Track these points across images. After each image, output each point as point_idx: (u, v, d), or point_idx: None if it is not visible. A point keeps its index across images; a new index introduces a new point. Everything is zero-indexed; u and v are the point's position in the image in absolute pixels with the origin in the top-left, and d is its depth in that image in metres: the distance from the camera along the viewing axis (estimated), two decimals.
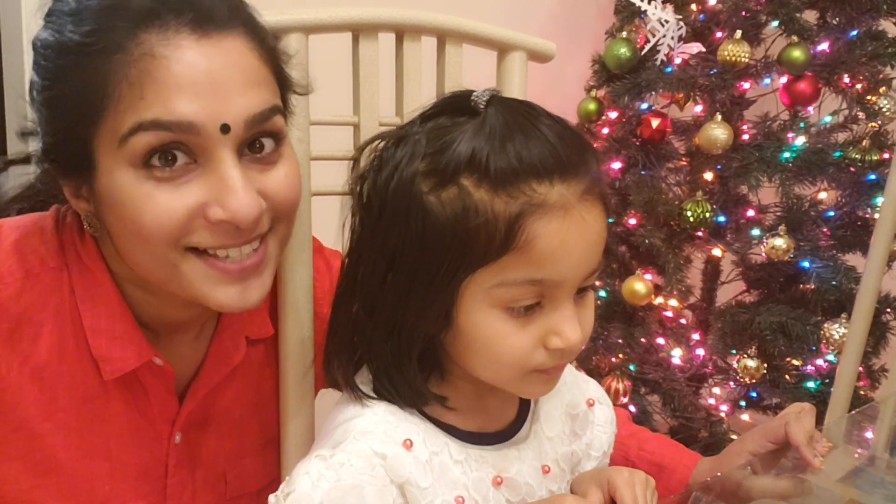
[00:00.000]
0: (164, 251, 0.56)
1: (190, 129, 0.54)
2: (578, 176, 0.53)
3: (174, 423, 0.69)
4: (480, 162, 0.52)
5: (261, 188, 0.58)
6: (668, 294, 1.66)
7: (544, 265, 0.52)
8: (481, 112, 0.54)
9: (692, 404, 1.69)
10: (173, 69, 0.53)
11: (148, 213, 0.55)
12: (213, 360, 0.70)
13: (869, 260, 1.07)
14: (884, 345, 1.60)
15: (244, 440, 0.75)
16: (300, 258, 0.74)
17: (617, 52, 1.71)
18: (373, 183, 0.56)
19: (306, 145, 0.73)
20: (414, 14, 0.76)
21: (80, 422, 0.63)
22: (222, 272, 0.58)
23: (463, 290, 0.54)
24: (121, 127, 0.53)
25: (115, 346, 0.63)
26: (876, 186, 1.56)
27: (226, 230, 0.57)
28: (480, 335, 0.55)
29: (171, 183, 0.55)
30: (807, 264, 1.57)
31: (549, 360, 0.55)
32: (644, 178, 1.70)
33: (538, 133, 0.53)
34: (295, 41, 0.71)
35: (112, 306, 0.63)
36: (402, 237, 0.54)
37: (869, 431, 0.92)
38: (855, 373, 1.10)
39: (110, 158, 0.55)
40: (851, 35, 1.60)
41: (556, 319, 0.54)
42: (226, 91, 0.55)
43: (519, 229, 0.51)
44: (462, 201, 0.52)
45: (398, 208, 0.54)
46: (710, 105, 1.66)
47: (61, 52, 0.55)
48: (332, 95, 0.80)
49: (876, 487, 0.80)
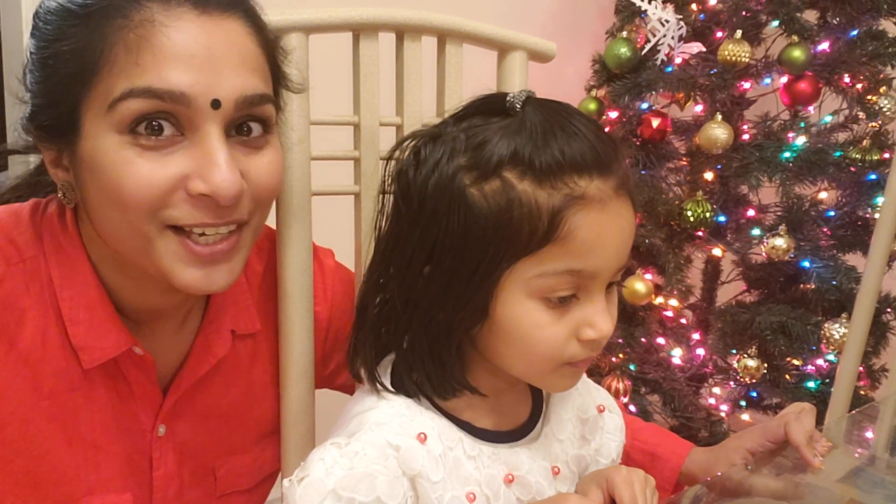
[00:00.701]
0: (141, 221, 0.56)
1: (181, 99, 0.54)
2: (613, 171, 0.55)
3: (157, 415, 0.68)
4: (524, 156, 0.53)
5: (244, 170, 0.58)
6: (668, 294, 1.66)
7: (583, 256, 0.54)
8: (517, 112, 0.56)
9: (692, 404, 1.69)
10: (172, 38, 0.53)
11: (129, 180, 0.54)
12: (198, 352, 0.70)
13: (869, 260, 1.07)
14: (884, 345, 1.60)
15: (234, 436, 0.74)
16: (300, 258, 0.74)
17: (617, 51, 1.71)
18: (412, 178, 0.57)
19: (306, 145, 0.73)
20: (414, 14, 0.76)
21: (65, 411, 0.63)
22: (191, 253, 0.58)
23: (503, 282, 0.55)
24: (112, 91, 0.53)
25: (94, 334, 0.63)
26: (876, 186, 1.56)
27: (206, 206, 0.57)
28: (517, 326, 0.56)
29: (156, 152, 0.55)
30: (807, 264, 1.57)
31: (580, 351, 0.57)
32: (644, 178, 1.70)
33: (576, 130, 0.55)
34: (295, 41, 0.71)
35: (91, 294, 0.63)
36: (444, 230, 0.55)
37: (869, 431, 0.92)
38: (855, 373, 1.10)
39: (97, 122, 0.55)
40: (852, 35, 1.60)
41: (590, 311, 0.56)
42: (221, 67, 0.55)
43: (561, 220, 0.53)
44: (506, 193, 0.54)
45: (440, 202, 0.55)
46: (711, 105, 1.66)
47: (62, 15, 0.55)
48: (333, 95, 0.80)
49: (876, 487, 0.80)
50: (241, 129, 0.59)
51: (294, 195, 0.73)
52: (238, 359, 0.74)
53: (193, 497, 0.72)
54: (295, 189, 0.73)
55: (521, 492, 0.61)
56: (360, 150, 0.76)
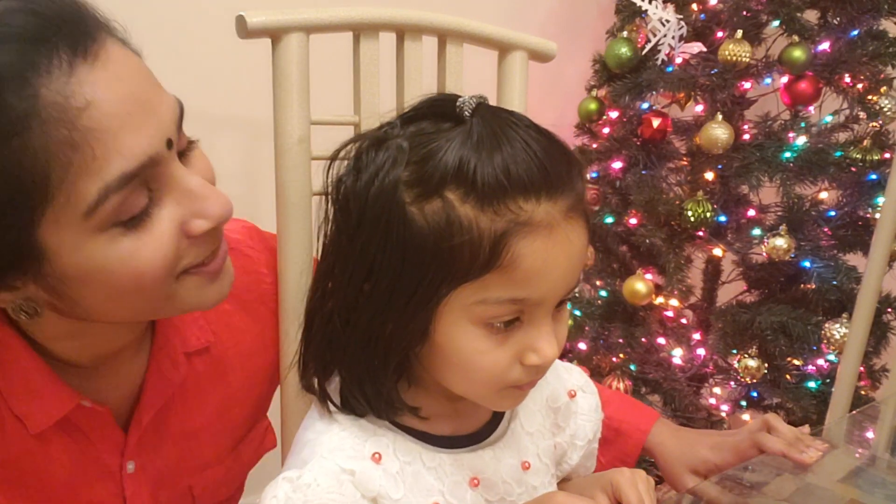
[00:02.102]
0: (162, 288, 0.54)
1: (151, 163, 0.50)
2: (563, 193, 0.51)
3: (122, 454, 0.66)
4: (467, 175, 0.50)
5: (205, 177, 0.56)
6: (668, 294, 1.66)
7: (528, 284, 0.51)
8: (466, 120, 0.52)
9: (693, 404, 1.69)
10: (105, 109, 0.46)
11: (142, 264, 0.51)
12: (153, 383, 0.67)
13: (870, 260, 1.07)
14: (885, 345, 1.60)
15: (206, 451, 0.72)
16: (300, 257, 0.74)
17: (618, 51, 1.70)
18: (352, 187, 0.53)
19: (307, 145, 0.73)
20: (415, 14, 0.76)
21: (23, 475, 0.60)
22: (209, 274, 0.57)
23: (443, 306, 0.52)
24: (83, 198, 0.47)
25: (34, 401, 0.59)
26: (877, 186, 1.56)
27: (209, 238, 0.55)
28: (458, 351, 0.53)
29: (146, 223, 0.51)
30: (808, 264, 1.57)
31: (524, 376, 0.55)
32: (645, 178, 1.70)
33: (526, 146, 0.51)
34: (295, 41, 0.71)
35: (22, 366, 0.59)
36: (382, 247, 0.51)
37: (870, 431, 0.92)
38: (856, 373, 1.10)
39: (73, 235, 0.49)
40: (852, 35, 1.59)
41: (534, 336, 0.53)
42: (152, 106, 0.50)
43: (504, 248, 0.50)
44: (446, 215, 0.50)
45: (378, 216, 0.51)
46: (711, 105, 1.66)
47: None
48: (333, 95, 0.80)
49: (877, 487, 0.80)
50: (182, 148, 0.55)
51: (294, 195, 0.73)
52: (196, 378, 0.70)
53: None
54: (295, 189, 0.73)
55: (489, 493, 0.60)
56: None
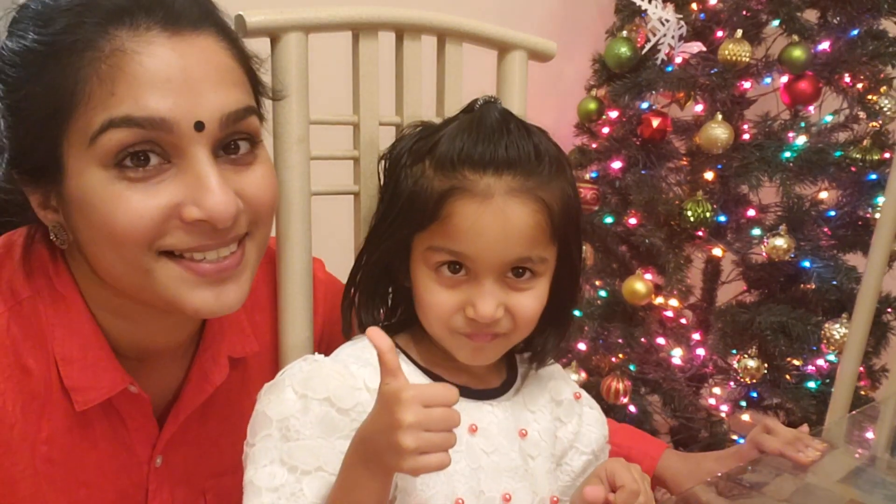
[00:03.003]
0: (137, 254, 0.55)
1: (162, 125, 0.52)
2: (516, 175, 0.61)
3: (154, 447, 0.67)
4: (438, 147, 0.63)
5: (237, 189, 0.57)
6: (668, 294, 1.66)
7: (459, 239, 0.61)
8: (474, 111, 0.65)
9: (692, 404, 1.69)
10: (146, 64, 0.52)
11: (120, 215, 0.53)
12: (195, 382, 0.68)
13: (870, 260, 1.07)
14: (884, 345, 1.60)
15: (224, 458, 0.73)
16: (300, 258, 0.74)
17: (617, 51, 1.70)
18: (388, 154, 0.70)
19: (306, 145, 0.73)
20: (414, 13, 0.76)
21: (61, 454, 0.61)
22: (197, 274, 0.57)
23: (413, 247, 0.64)
24: (91, 125, 0.52)
25: (88, 374, 0.60)
26: (877, 186, 1.56)
27: (202, 231, 0.55)
28: (418, 291, 0.64)
29: (145, 183, 0.53)
30: (807, 264, 1.57)
31: (465, 325, 0.63)
32: (644, 178, 1.69)
33: (501, 133, 0.62)
34: (294, 40, 0.70)
35: (84, 333, 0.61)
36: (387, 194, 0.67)
37: (870, 432, 0.92)
38: (856, 373, 1.10)
39: (81, 160, 0.53)
40: (852, 34, 1.59)
41: (475, 293, 0.62)
42: (200, 88, 0.53)
43: (444, 204, 0.61)
44: (417, 176, 0.64)
45: (389, 173, 0.68)
46: (711, 104, 1.66)
47: (27, 55, 0.53)
48: (332, 95, 0.80)
49: (876, 488, 0.80)
50: (228, 148, 0.57)
51: (294, 195, 0.73)
52: (231, 385, 0.72)
53: None
54: (295, 189, 0.73)
55: (485, 443, 0.64)
56: (359, 149, 0.76)
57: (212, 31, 0.56)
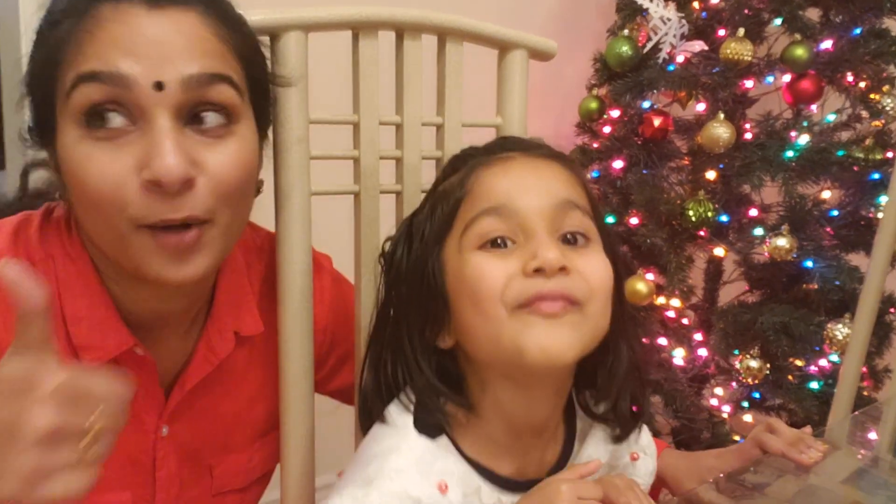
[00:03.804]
0: (112, 218, 0.56)
1: (123, 81, 0.54)
2: (528, 150, 0.61)
3: (161, 416, 0.69)
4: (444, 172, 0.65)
5: (199, 160, 0.57)
6: (669, 294, 1.65)
7: (492, 195, 0.57)
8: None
9: (694, 405, 1.69)
10: (116, 29, 0.55)
11: (88, 173, 0.55)
12: (202, 353, 0.71)
13: (872, 259, 1.07)
14: (887, 345, 1.60)
15: (231, 436, 0.75)
16: (300, 257, 0.73)
17: (619, 50, 1.70)
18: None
19: (306, 145, 0.73)
20: (414, 12, 0.75)
21: None
22: (161, 245, 0.57)
23: (445, 255, 0.59)
24: (66, 83, 0.56)
25: (95, 333, 0.63)
26: (879, 185, 1.55)
27: (157, 196, 0.55)
28: (464, 279, 0.56)
29: (110, 142, 0.55)
30: (810, 264, 1.57)
31: (528, 288, 0.53)
32: (646, 178, 1.69)
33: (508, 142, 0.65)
34: (294, 39, 0.70)
35: (93, 293, 0.64)
36: (405, 232, 0.64)
37: (872, 432, 0.92)
38: (858, 373, 1.09)
39: (64, 119, 0.57)
40: (855, 33, 1.59)
41: (533, 246, 0.54)
42: (166, 51, 0.55)
43: (467, 180, 0.59)
44: (433, 194, 0.64)
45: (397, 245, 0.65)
46: (713, 103, 1.66)
47: (38, 34, 0.59)
48: (332, 94, 0.79)
49: (879, 489, 0.79)
50: (198, 119, 0.58)
51: (294, 195, 0.73)
52: (237, 363, 0.74)
53: (192, 496, 0.73)
54: (294, 189, 0.73)
55: None
56: (359, 149, 0.76)
57: (198, 9, 0.58)
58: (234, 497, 0.77)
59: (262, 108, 0.64)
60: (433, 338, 0.60)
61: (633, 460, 0.70)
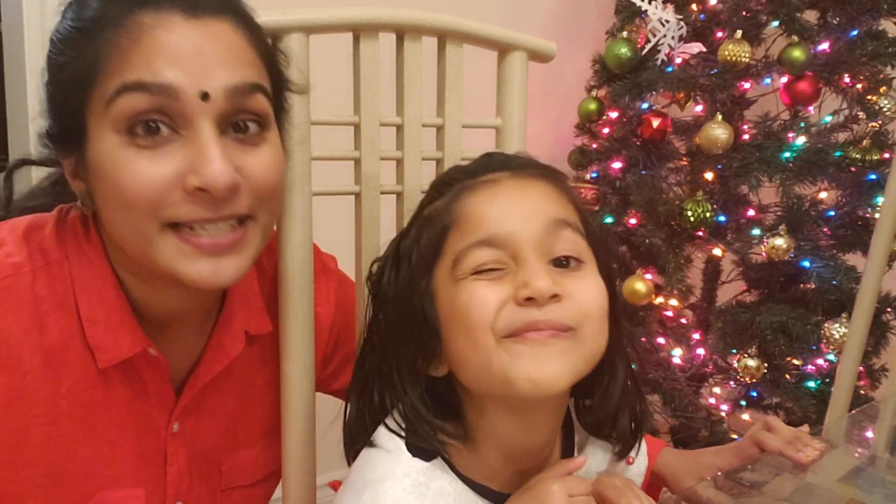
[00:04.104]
0: (142, 221, 0.57)
1: (170, 92, 0.55)
2: (514, 170, 0.60)
3: (171, 413, 0.70)
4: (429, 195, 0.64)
5: (240, 166, 0.59)
6: (668, 294, 1.66)
7: (482, 225, 0.56)
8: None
9: (692, 404, 1.69)
10: (160, 38, 0.56)
11: (129, 180, 0.56)
12: (213, 352, 0.72)
13: (869, 259, 1.07)
14: (884, 344, 1.60)
15: (239, 432, 0.76)
16: (301, 258, 0.74)
17: (617, 51, 1.71)
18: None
19: (307, 145, 0.73)
20: (414, 14, 0.76)
21: (83, 409, 0.64)
22: (195, 247, 0.59)
23: (435, 284, 0.58)
24: (108, 90, 0.56)
25: (110, 334, 0.64)
26: (876, 186, 1.56)
27: (202, 201, 0.57)
28: (456, 307, 0.55)
29: (153, 150, 0.56)
30: (807, 264, 1.57)
31: (519, 318, 0.53)
32: (644, 178, 1.70)
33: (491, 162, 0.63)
34: (295, 41, 0.71)
35: (109, 295, 0.65)
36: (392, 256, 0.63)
37: (869, 431, 0.92)
38: (855, 372, 1.10)
39: (99, 125, 0.57)
40: (852, 35, 1.60)
41: (524, 274, 0.54)
42: (209, 62, 0.57)
43: (454, 206, 0.58)
44: (418, 217, 0.63)
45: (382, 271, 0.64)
46: (711, 105, 1.66)
47: (65, 36, 0.59)
48: (333, 96, 0.80)
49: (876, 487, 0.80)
50: (237, 128, 0.59)
51: (295, 195, 0.73)
52: (247, 361, 0.75)
53: (201, 491, 0.74)
54: (295, 189, 0.73)
55: None
56: (360, 150, 0.76)
57: (230, 18, 0.59)
58: (243, 492, 0.78)
59: (279, 114, 0.66)
60: (426, 367, 0.60)
61: (628, 464, 0.70)
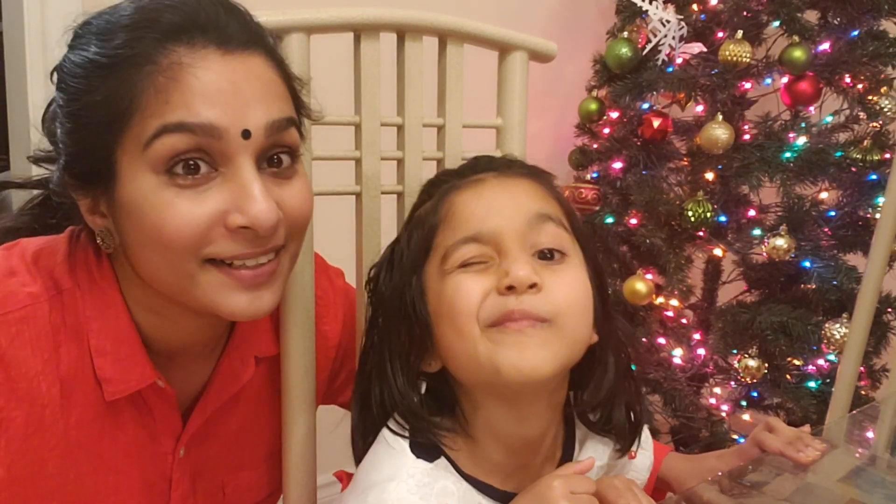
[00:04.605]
0: (183, 260, 0.57)
1: (213, 132, 0.54)
2: (499, 170, 0.63)
3: (179, 439, 0.70)
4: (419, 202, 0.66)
5: (278, 200, 0.58)
6: (669, 294, 1.66)
7: (468, 222, 0.58)
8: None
9: (693, 404, 1.69)
10: (200, 76, 0.55)
11: (169, 220, 0.55)
12: (222, 379, 0.71)
13: (870, 260, 1.07)
14: (885, 345, 1.60)
15: (242, 454, 0.76)
16: (302, 269, 0.74)
17: (618, 51, 1.71)
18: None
19: (307, 145, 0.73)
20: (415, 14, 0.76)
21: (90, 439, 0.64)
22: (236, 280, 0.59)
23: (426, 280, 0.60)
24: (146, 131, 0.54)
25: (118, 366, 0.63)
26: (877, 186, 1.56)
27: (245, 238, 0.57)
28: (443, 299, 0.58)
29: (193, 190, 0.55)
30: (808, 264, 1.57)
31: (500, 307, 0.55)
32: (645, 178, 1.70)
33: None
34: (296, 41, 0.71)
35: (119, 328, 0.64)
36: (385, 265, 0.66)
37: (870, 431, 0.92)
38: (856, 373, 1.10)
39: (133, 166, 0.55)
40: (853, 35, 1.60)
41: (506, 264, 0.56)
42: (247, 99, 0.56)
43: (441, 206, 0.61)
44: (411, 221, 0.65)
45: (377, 277, 0.67)
46: (712, 105, 1.66)
47: (88, 67, 0.56)
48: (334, 96, 0.80)
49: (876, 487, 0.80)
50: (271, 161, 0.59)
51: None
52: (255, 382, 0.75)
53: None
54: None
55: None
56: (361, 150, 0.76)
57: (260, 52, 0.59)
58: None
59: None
60: (418, 363, 0.61)
61: (630, 458, 0.70)
